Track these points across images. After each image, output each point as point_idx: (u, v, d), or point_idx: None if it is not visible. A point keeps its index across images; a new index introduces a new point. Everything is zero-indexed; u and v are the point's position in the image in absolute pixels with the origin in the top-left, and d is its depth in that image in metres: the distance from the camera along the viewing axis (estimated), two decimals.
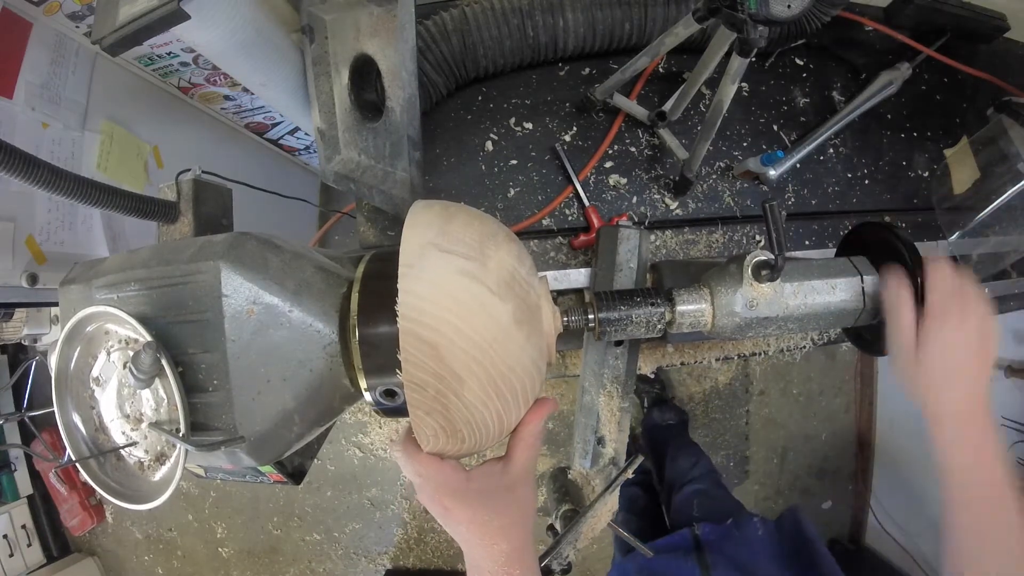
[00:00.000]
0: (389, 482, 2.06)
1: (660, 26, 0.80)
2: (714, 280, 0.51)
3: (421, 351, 0.36)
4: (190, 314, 0.43)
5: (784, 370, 2.08)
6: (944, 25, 0.89)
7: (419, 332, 0.36)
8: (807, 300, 0.50)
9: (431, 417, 0.39)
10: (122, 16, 0.59)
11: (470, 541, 0.44)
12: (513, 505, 0.44)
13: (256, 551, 2.13)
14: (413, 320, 0.36)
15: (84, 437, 0.48)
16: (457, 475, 0.42)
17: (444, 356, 0.36)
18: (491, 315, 0.38)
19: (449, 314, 0.37)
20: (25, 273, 0.80)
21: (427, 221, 0.40)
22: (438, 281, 0.37)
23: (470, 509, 0.42)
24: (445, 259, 0.38)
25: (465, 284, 0.37)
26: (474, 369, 0.37)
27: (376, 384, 0.44)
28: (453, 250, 0.38)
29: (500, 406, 0.40)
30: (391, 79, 0.66)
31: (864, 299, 0.51)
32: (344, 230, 1.94)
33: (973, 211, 0.81)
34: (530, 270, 0.43)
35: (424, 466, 0.41)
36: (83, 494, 2.05)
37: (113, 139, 0.97)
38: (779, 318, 0.50)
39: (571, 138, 0.85)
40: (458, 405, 0.38)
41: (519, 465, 0.44)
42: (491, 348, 0.37)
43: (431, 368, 0.37)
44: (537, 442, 0.44)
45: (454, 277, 0.37)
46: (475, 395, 0.38)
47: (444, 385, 0.37)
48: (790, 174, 0.85)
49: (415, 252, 0.38)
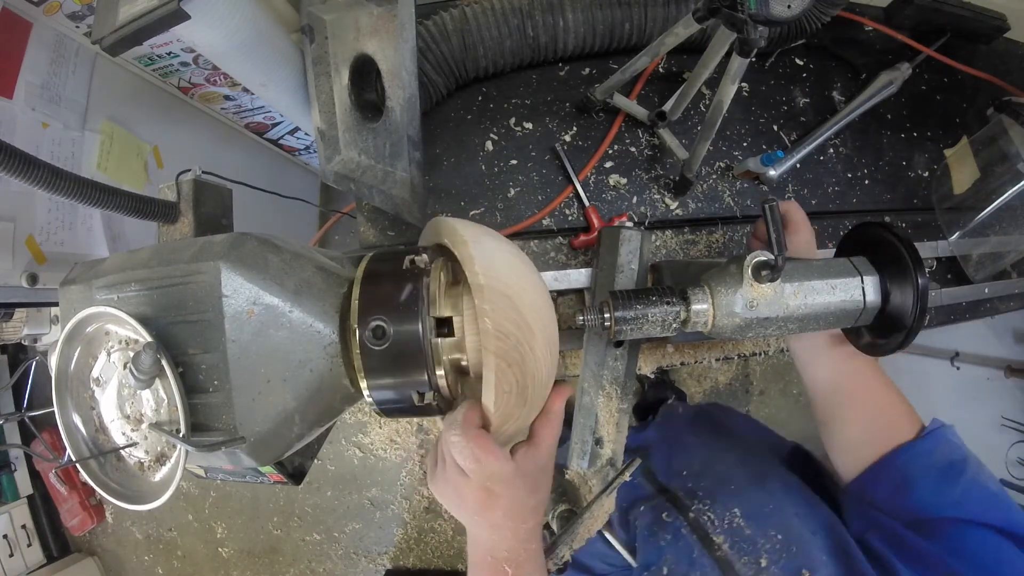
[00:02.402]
0: (389, 482, 2.06)
1: (660, 26, 0.80)
2: (714, 280, 0.50)
3: (502, 303, 0.40)
4: (190, 314, 0.43)
5: (784, 370, 2.08)
6: (944, 25, 0.89)
7: (496, 286, 0.40)
8: (807, 300, 0.50)
9: (512, 369, 0.41)
10: (122, 16, 0.59)
11: (499, 526, 0.44)
12: (544, 484, 0.47)
13: (256, 551, 2.13)
14: (491, 276, 0.40)
15: (84, 437, 0.48)
16: (509, 462, 0.43)
17: (520, 307, 0.41)
18: (540, 284, 0.45)
19: (514, 274, 0.42)
20: (25, 273, 0.80)
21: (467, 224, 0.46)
22: (499, 250, 0.43)
23: (513, 494, 0.43)
24: (496, 239, 0.45)
25: (518, 257, 0.44)
26: (541, 323, 0.42)
27: (377, 384, 0.45)
28: (496, 236, 0.45)
29: (551, 367, 0.44)
30: (391, 79, 0.66)
31: (864, 300, 0.51)
32: (344, 230, 1.94)
33: (973, 211, 0.81)
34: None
35: (483, 450, 0.41)
36: (83, 494, 2.04)
37: (113, 139, 0.97)
38: (779, 319, 0.50)
39: (571, 138, 0.85)
40: (532, 357, 0.41)
41: (547, 445, 0.46)
42: (546, 308, 0.44)
43: (512, 317, 0.40)
44: (560, 422, 0.47)
45: (508, 250, 0.44)
46: (541, 349, 0.42)
47: (523, 334, 0.41)
48: (790, 174, 0.85)
49: (471, 231, 0.43)
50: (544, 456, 0.46)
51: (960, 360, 1.66)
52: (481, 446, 0.41)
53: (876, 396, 0.55)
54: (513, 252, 0.45)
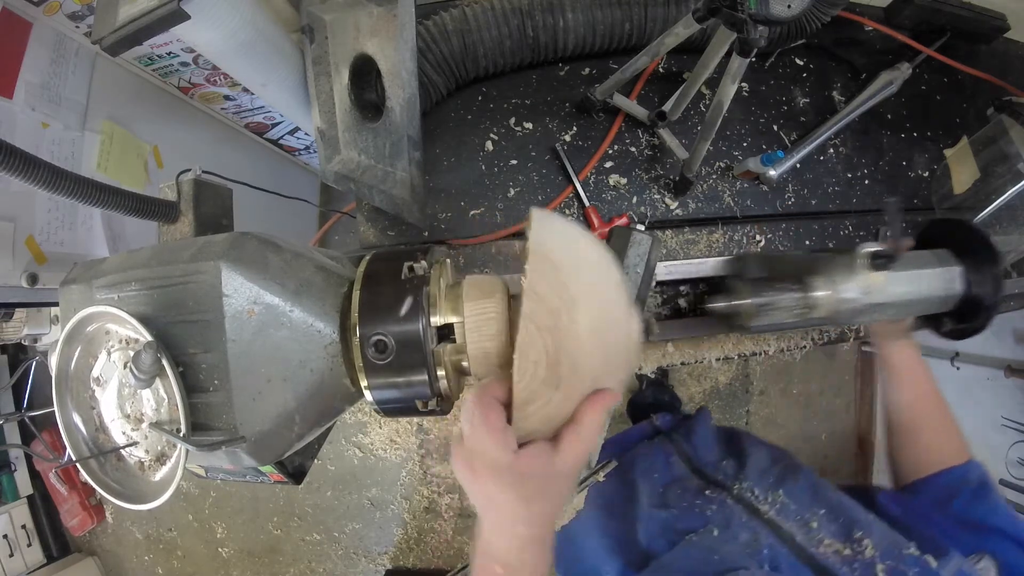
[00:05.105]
0: (389, 482, 2.06)
1: (660, 26, 0.80)
2: (830, 270, 0.55)
3: (544, 266, 0.38)
4: (191, 314, 0.43)
5: (784, 370, 2.08)
6: (944, 25, 0.89)
7: (542, 252, 0.38)
8: (911, 288, 0.55)
9: (541, 335, 0.37)
10: (122, 16, 0.59)
11: (490, 519, 0.41)
12: (547, 498, 0.41)
13: (256, 551, 2.13)
14: (542, 245, 0.39)
15: (84, 437, 0.48)
16: (507, 450, 0.38)
17: (565, 277, 0.38)
18: (608, 267, 0.41)
19: (572, 249, 0.40)
20: (25, 273, 0.80)
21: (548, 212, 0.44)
22: (567, 228, 0.41)
23: (502, 489, 0.39)
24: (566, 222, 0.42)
25: (589, 239, 0.42)
26: (590, 299, 0.38)
27: (377, 383, 0.45)
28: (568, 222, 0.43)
29: (601, 357, 0.39)
30: (391, 79, 0.66)
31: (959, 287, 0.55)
32: (344, 230, 1.94)
33: (973, 211, 0.81)
34: None
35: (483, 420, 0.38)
36: (83, 494, 2.04)
37: (113, 139, 0.97)
38: (887, 304, 0.54)
39: (571, 138, 0.85)
40: (571, 332, 0.38)
41: (568, 459, 0.39)
42: (604, 289, 0.40)
43: (551, 280, 0.38)
44: (593, 437, 0.40)
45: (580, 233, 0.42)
46: (586, 328, 0.38)
47: (562, 302, 0.37)
48: (790, 174, 0.85)
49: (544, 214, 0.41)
50: (557, 468, 0.39)
51: (960, 360, 1.66)
52: (485, 415, 0.38)
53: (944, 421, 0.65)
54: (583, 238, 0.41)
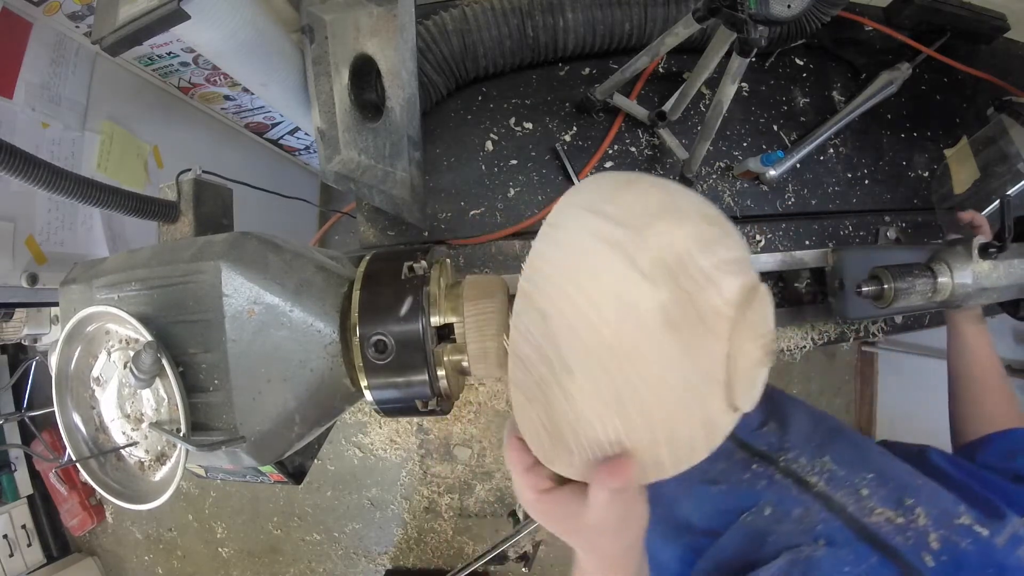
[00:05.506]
0: (389, 482, 2.06)
1: (660, 26, 0.80)
2: (949, 258, 0.62)
3: (530, 317, 0.31)
4: (191, 314, 0.43)
5: (784, 370, 2.08)
6: (944, 25, 0.89)
7: (533, 295, 0.31)
8: (1011, 271, 0.61)
9: (532, 406, 0.32)
10: (122, 16, 0.59)
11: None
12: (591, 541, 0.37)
13: (256, 551, 2.13)
14: (530, 280, 0.31)
15: (84, 437, 0.48)
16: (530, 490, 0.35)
17: (554, 331, 0.30)
18: (626, 298, 0.29)
19: (570, 284, 0.30)
20: (25, 273, 0.80)
21: (598, 186, 0.33)
22: (570, 244, 0.31)
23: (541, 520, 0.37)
24: (591, 221, 0.30)
25: (604, 253, 0.29)
26: (588, 361, 0.29)
27: (377, 383, 0.45)
28: (605, 212, 0.30)
29: (624, 429, 0.30)
30: (391, 79, 0.66)
31: None
32: (344, 230, 1.94)
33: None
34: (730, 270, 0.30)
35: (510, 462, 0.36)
36: (83, 494, 2.05)
37: (113, 139, 0.97)
38: (992, 289, 0.61)
39: (571, 138, 0.85)
40: (562, 402, 0.30)
41: (594, 514, 0.33)
42: (616, 339, 0.29)
43: (536, 342, 0.31)
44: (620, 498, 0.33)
45: (591, 242, 0.30)
46: (586, 398, 0.30)
47: (549, 369, 0.30)
48: (790, 174, 0.85)
49: (561, 211, 0.32)
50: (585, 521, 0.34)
51: None
52: (509, 455, 0.36)
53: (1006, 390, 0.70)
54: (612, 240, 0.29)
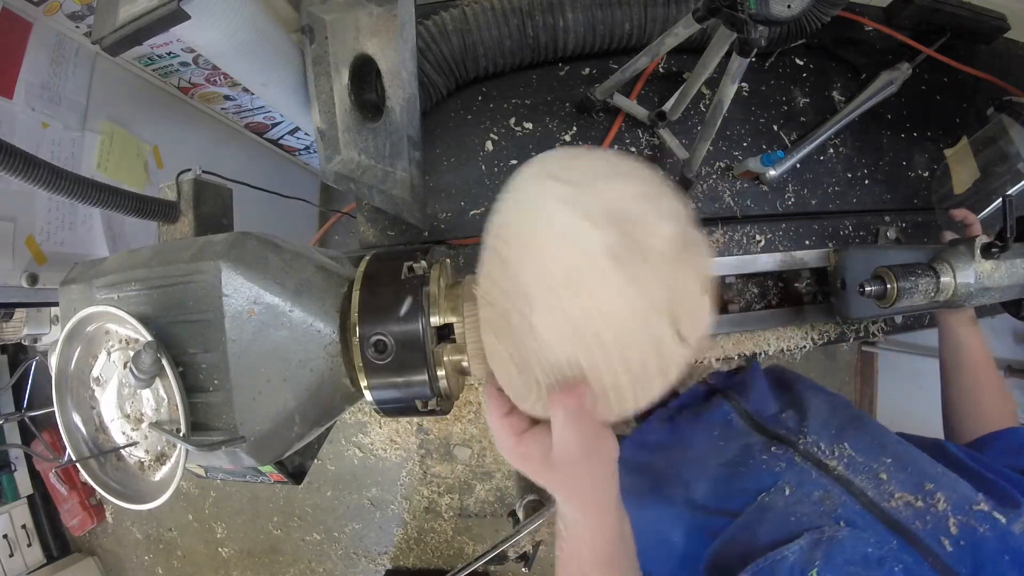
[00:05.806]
0: (389, 482, 2.06)
1: (660, 26, 0.80)
2: (952, 258, 0.63)
3: (493, 265, 0.36)
4: (191, 314, 0.43)
5: None
6: (944, 25, 0.89)
7: (495, 247, 0.36)
8: (1012, 271, 0.62)
9: (501, 342, 0.36)
10: (122, 16, 0.59)
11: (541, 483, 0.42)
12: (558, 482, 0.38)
13: (256, 551, 2.13)
14: (493, 235, 0.36)
15: (84, 437, 0.48)
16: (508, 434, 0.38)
17: (514, 272, 0.34)
18: (572, 239, 0.32)
19: (527, 232, 0.34)
20: (25, 273, 0.80)
21: (553, 157, 0.37)
22: (528, 202, 0.35)
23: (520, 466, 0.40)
24: (546, 183, 0.34)
25: (552, 206, 0.33)
26: (545, 295, 0.33)
27: (377, 383, 0.45)
28: (559, 177, 0.34)
29: (581, 353, 0.33)
30: (391, 79, 0.66)
31: None
32: (344, 230, 1.94)
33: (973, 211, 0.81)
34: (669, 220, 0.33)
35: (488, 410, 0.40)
36: (83, 494, 2.05)
37: (113, 139, 0.97)
38: (993, 288, 0.62)
39: (571, 138, 0.85)
40: (526, 334, 0.34)
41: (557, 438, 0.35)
42: (567, 275, 0.32)
43: (501, 284, 0.35)
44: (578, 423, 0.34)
45: (546, 200, 0.34)
46: (548, 327, 0.33)
47: (512, 303, 0.34)
48: (790, 174, 0.85)
49: (520, 178, 0.36)
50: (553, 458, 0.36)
51: None
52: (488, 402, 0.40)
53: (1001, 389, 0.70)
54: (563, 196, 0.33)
